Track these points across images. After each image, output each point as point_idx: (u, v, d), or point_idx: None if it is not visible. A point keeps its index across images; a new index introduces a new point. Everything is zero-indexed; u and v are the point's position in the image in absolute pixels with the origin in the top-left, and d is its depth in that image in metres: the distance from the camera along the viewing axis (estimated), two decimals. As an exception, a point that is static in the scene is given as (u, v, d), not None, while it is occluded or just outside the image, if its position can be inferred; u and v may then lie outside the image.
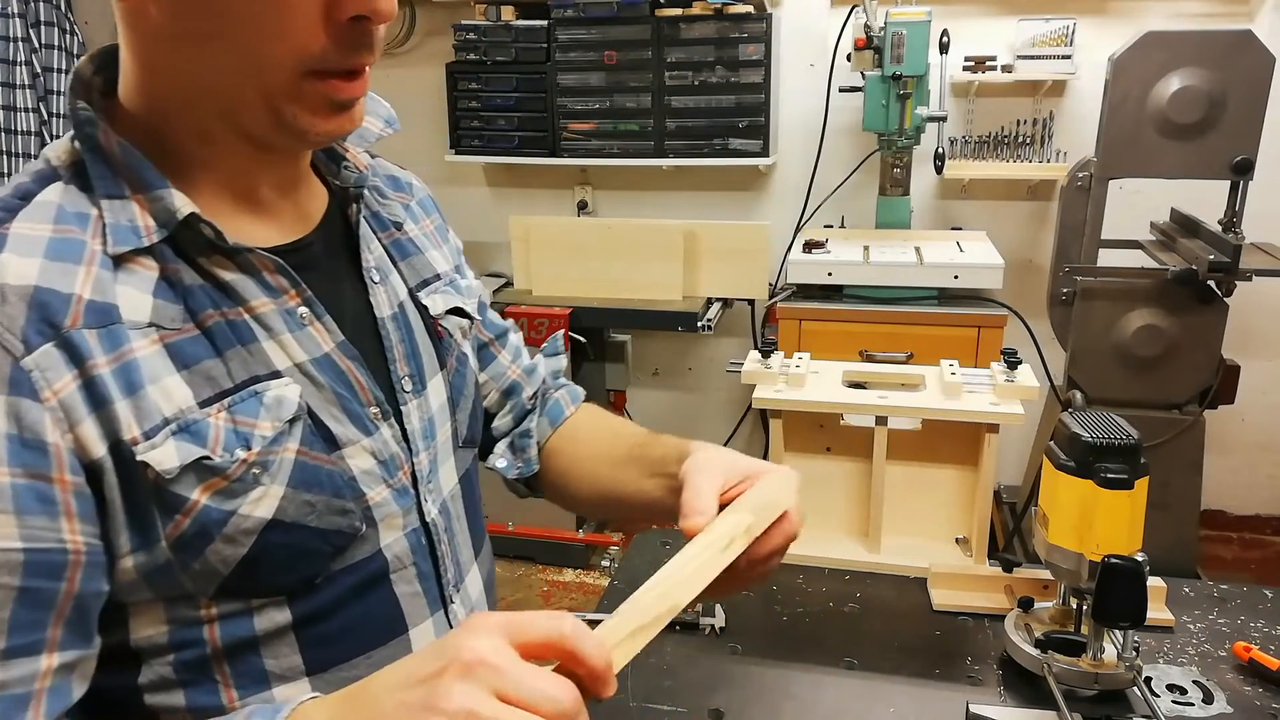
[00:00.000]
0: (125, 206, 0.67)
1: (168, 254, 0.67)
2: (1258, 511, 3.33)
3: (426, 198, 0.98)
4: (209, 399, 0.66)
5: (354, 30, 0.66)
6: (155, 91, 0.69)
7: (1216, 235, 2.40)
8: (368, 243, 0.83)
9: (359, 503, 0.73)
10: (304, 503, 0.69)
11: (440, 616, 0.81)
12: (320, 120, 0.68)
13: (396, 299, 0.83)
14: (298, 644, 0.71)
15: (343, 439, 0.73)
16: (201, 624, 0.68)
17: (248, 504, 0.66)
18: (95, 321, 0.63)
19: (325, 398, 0.72)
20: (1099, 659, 1.09)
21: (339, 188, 0.84)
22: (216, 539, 0.65)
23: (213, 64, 0.65)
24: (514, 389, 1.02)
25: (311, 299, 0.73)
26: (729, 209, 3.42)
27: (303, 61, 0.65)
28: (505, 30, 3.23)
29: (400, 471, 0.78)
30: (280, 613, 0.70)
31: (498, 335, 1.02)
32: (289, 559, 0.69)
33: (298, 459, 0.69)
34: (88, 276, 0.64)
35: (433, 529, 0.81)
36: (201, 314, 0.67)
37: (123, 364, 0.63)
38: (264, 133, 0.69)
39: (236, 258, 0.70)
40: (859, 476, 1.48)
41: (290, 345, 0.71)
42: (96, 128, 0.67)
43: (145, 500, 0.63)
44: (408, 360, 0.82)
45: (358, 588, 0.74)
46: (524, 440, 1.02)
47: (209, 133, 0.70)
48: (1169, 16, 2.98)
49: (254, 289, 0.70)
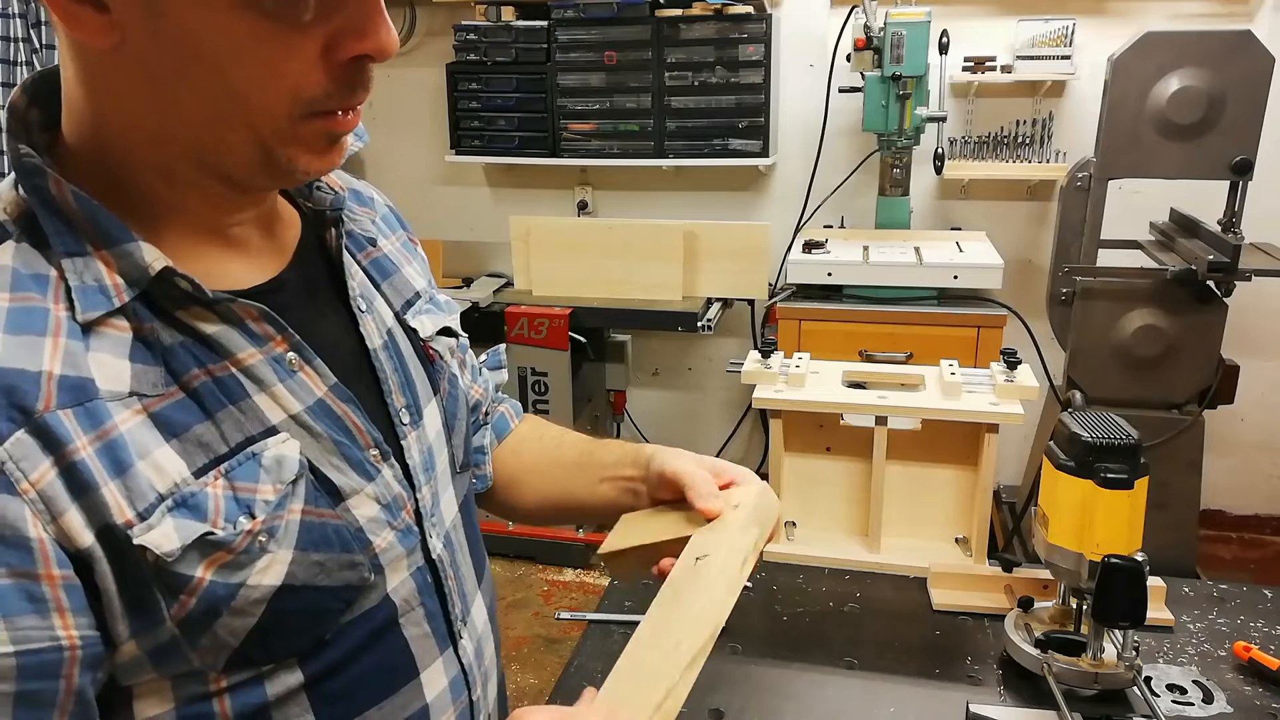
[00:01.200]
0: (89, 264, 0.60)
1: (141, 312, 0.62)
2: (1257, 511, 3.33)
3: (388, 212, 0.91)
4: (204, 467, 0.61)
5: (353, 69, 0.63)
6: (116, 130, 0.63)
7: (1216, 235, 2.40)
8: (350, 270, 0.77)
9: (367, 553, 0.69)
10: (313, 563, 0.65)
11: (450, 654, 0.78)
12: (316, 159, 0.65)
13: (384, 325, 0.79)
14: (309, 703, 0.68)
15: (345, 489, 0.69)
16: (211, 697, 0.64)
17: (255, 574, 0.62)
18: (70, 400, 0.57)
19: (324, 448, 0.68)
20: (1099, 659, 1.09)
21: (312, 210, 0.78)
22: (225, 613, 0.61)
23: (195, 107, 0.60)
24: (475, 408, 1.01)
25: (299, 343, 0.68)
26: (729, 209, 3.42)
27: (300, 104, 0.61)
28: (505, 31, 3.23)
29: (404, 511, 0.74)
30: (292, 675, 0.67)
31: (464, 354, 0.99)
32: (301, 622, 0.66)
33: (303, 519, 0.65)
34: (55, 349, 0.58)
35: (439, 565, 0.77)
36: (185, 375, 0.62)
37: (106, 443, 0.58)
38: (246, 174, 0.64)
39: (216, 308, 0.64)
40: (859, 476, 1.48)
41: (283, 396, 0.67)
42: (46, 178, 0.61)
43: (145, 584, 0.59)
44: (402, 391, 0.77)
45: (368, 638, 0.71)
46: (479, 456, 1.00)
47: (177, 173, 0.64)
48: (1168, 17, 2.98)
49: (239, 340, 0.65)
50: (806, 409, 1.44)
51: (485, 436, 1.02)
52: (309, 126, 0.63)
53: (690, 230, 3.06)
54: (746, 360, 1.53)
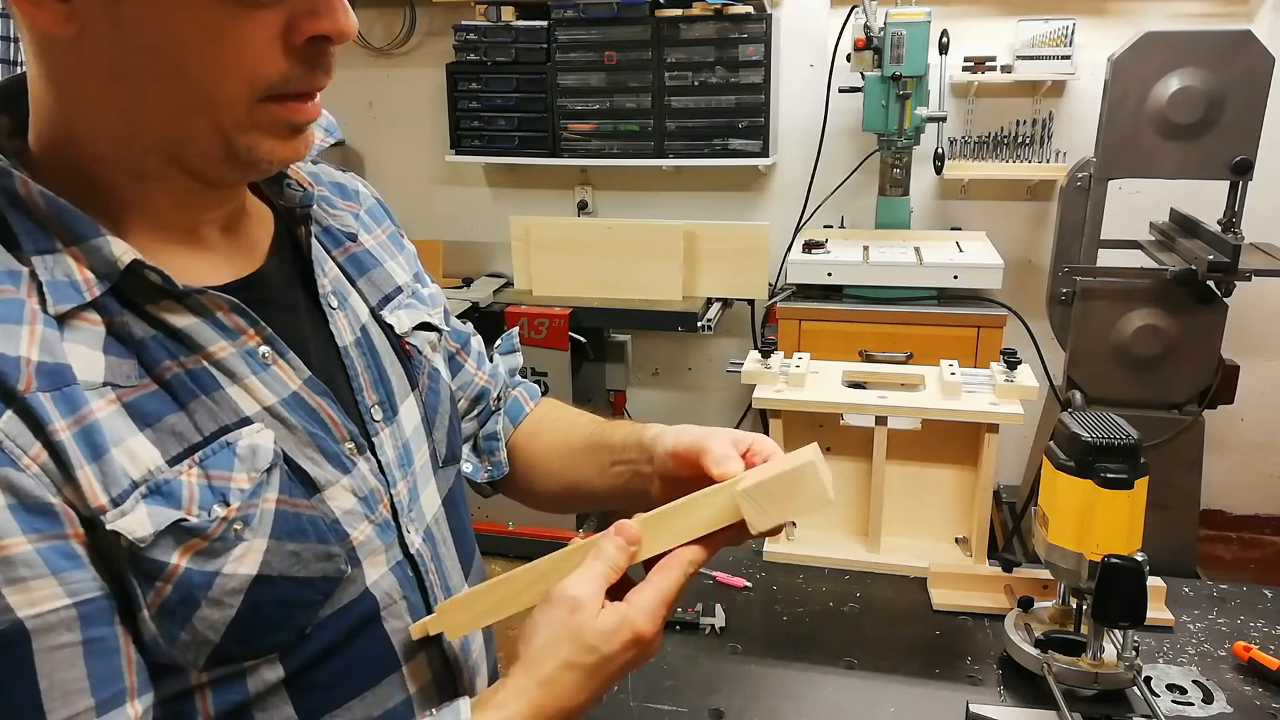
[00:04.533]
0: (59, 261, 0.61)
1: (112, 306, 0.62)
2: (1257, 511, 3.33)
3: (375, 204, 0.91)
4: (178, 455, 0.62)
5: (313, 51, 0.63)
6: (82, 130, 0.64)
7: (1216, 235, 2.40)
8: (321, 265, 0.78)
9: (343, 544, 0.70)
10: (288, 553, 0.65)
11: (435, 649, 0.78)
12: (279, 146, 0.65)
13: (358, 322, 0.79)
14: (289, 696, 0.68)
15: (321, 481, 0.69)
16: (193, 695, 0.64)
17: (230, 562, 0.62)
18: (48, 385, 0.58)
19: (299, 439, 0.68)
20: (1099, 659, 1.09)
21: (284, 208, 0.79)
22: (202, 604, 0.62)
23: (158, 99, 0.61)
24: (481, 395, 1.01)
25: (272, 336, 0.69)
26: (729, 209, 3.42)
27: (259, 89, 0.62)
28: (505, 31, 3.23)
29: (380, 505, 0.74)
30: (273, 670, 0.67)
31: (463, 344, 0.99)
32: (279, 615, 0.66)
33: (278, 509, 0.65)
34: (33, 337, 0.58)
35: (418, 560, 0.78)
36: (157, 367, 0.63)
37: (83, 427, 0.58)
38: (211, 167, 0.65)
39: (187, 301, 0.65)
40: (859, 476, 1.48)
41: (256, 389, 0.67)
42: (13, 179, 0.61)
43: (122, 572, 0.60)
44: (375, 388, 0.78)
45: (349, 632, 0.71)
46: (491, 443, 1.00)
47: (145, 171, 0.65)
48: (1168, 17, 2.98)
49: (210, 333, 0.66)
50: (806, 409, 1.44)
51: (498, 422, 1.01)
52: (267, 112, 0.63)
53: (690, 230, 3.06)
54: (746, 360, 1.53)
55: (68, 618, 0.56)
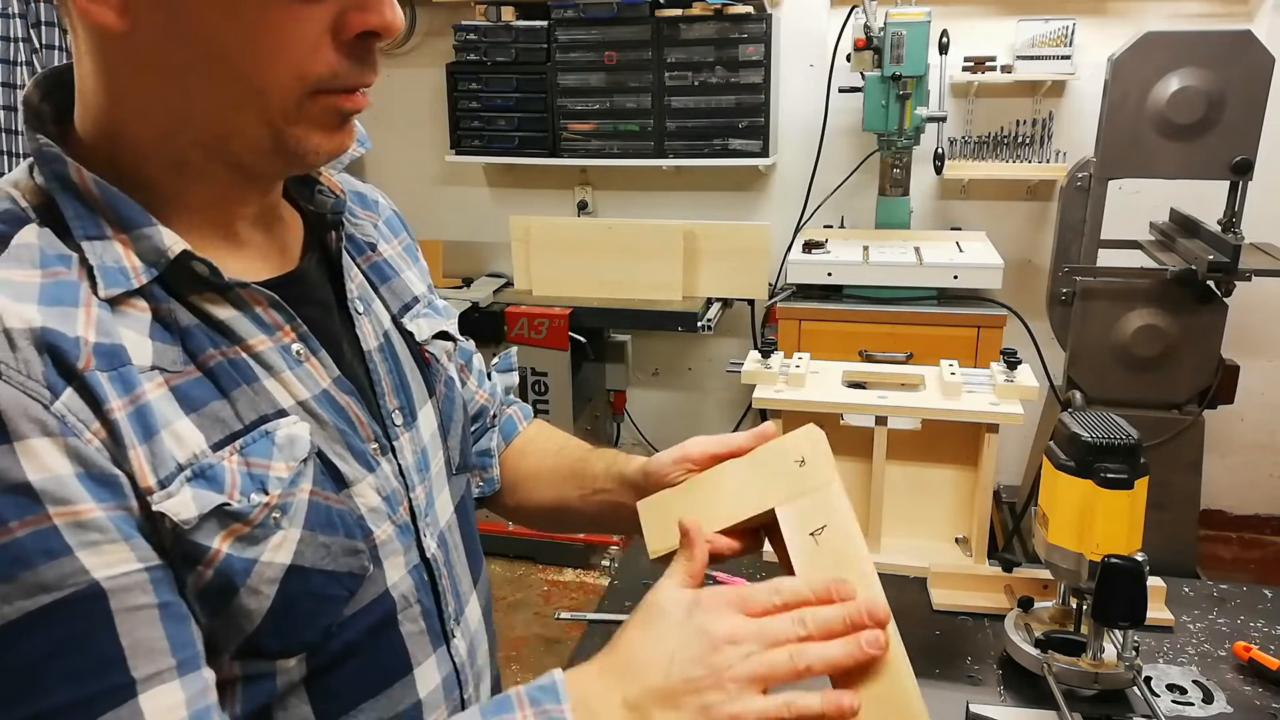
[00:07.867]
0: (108, 247, 0.62)
1: (159, 294, 0.64)
2: (1257, 511, 3.33)
3: (393, 215, 0.93)
4: (220, 441, 0.63)
5: (361, 47, 0.64)
6: (127, 122, 0.65)
7: (1216, 235, 2.40)
8: (349, 272, 0.79)
9: (368, 541, 0.71)
10: (320, 545, 0.67)
11: (443, 652, 0.79)
12: (325, 140, 0.66)
13: (381, 328, 0.81)
14: (308, 695, 0.69)
15: (350, 477, 0.71)
16: (223, 690, 0.64)
17: (269, 550, 0.64)
18: (106, 364, 0.59)
19: (330, 435, 0.70)
20: (1099, 659, 1.09)
21: (314, 214, 0.80)
22: (240, 591, 0.62)
23: (207, 93, 0.62)
24: (481, 413, 1.03)
25: (306, 334, 0.71)
26: (729, 209, 3.42)
27: (308, 83, 0.63)
28: (505, 31, 3.23)
29: (401, 507, 0.76)
30: (298, 669, 0.68)
31: (466, 361, 1.01)
32: (309, 608, 0.67)
33: (311, 500, 0.67)
34: (89, 319, 0.60)
35: (433, 564, 0.79)
36: (201, 355, 0.64)
37: (137, 407, 0.59)
38: (257, 159, 0.66)
39: (228, 294, 0.67)
40: (859, 476, 1.48)
41: (292, 383, 0.69)
42: (66, 165, 0.63)
43: (164, 554, 0.60)
44: (396, 393, 0.79)
45: (367, 633, 0.72)
46: (485, 459, 1.02)
47: (187, 164, 0.66)
48: (1168, 17, 2.98)
49: (249, 326, 0.67)
50: (806, 409, 1.44)
51: (492, 440, 1.03)
52: (317, 104, 0.64)
53: (690, 230, 3.06)
54: (746, 360, 1.53)
55: (141, 580, 0.57)
